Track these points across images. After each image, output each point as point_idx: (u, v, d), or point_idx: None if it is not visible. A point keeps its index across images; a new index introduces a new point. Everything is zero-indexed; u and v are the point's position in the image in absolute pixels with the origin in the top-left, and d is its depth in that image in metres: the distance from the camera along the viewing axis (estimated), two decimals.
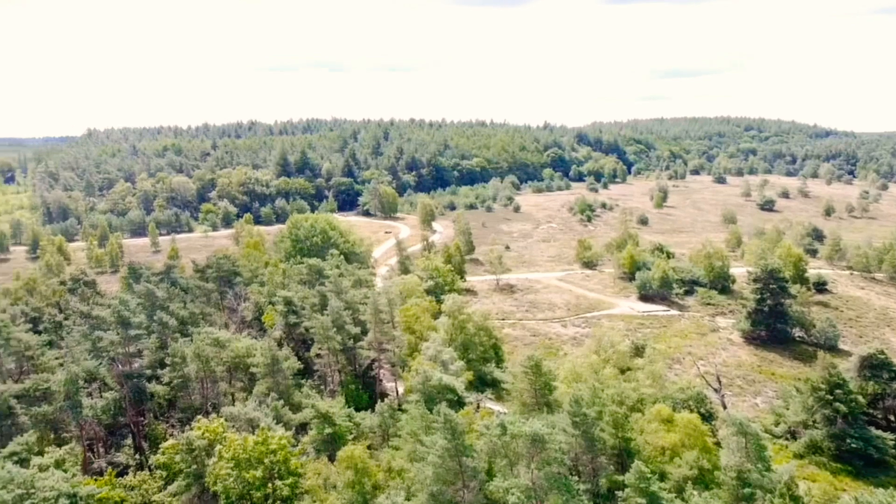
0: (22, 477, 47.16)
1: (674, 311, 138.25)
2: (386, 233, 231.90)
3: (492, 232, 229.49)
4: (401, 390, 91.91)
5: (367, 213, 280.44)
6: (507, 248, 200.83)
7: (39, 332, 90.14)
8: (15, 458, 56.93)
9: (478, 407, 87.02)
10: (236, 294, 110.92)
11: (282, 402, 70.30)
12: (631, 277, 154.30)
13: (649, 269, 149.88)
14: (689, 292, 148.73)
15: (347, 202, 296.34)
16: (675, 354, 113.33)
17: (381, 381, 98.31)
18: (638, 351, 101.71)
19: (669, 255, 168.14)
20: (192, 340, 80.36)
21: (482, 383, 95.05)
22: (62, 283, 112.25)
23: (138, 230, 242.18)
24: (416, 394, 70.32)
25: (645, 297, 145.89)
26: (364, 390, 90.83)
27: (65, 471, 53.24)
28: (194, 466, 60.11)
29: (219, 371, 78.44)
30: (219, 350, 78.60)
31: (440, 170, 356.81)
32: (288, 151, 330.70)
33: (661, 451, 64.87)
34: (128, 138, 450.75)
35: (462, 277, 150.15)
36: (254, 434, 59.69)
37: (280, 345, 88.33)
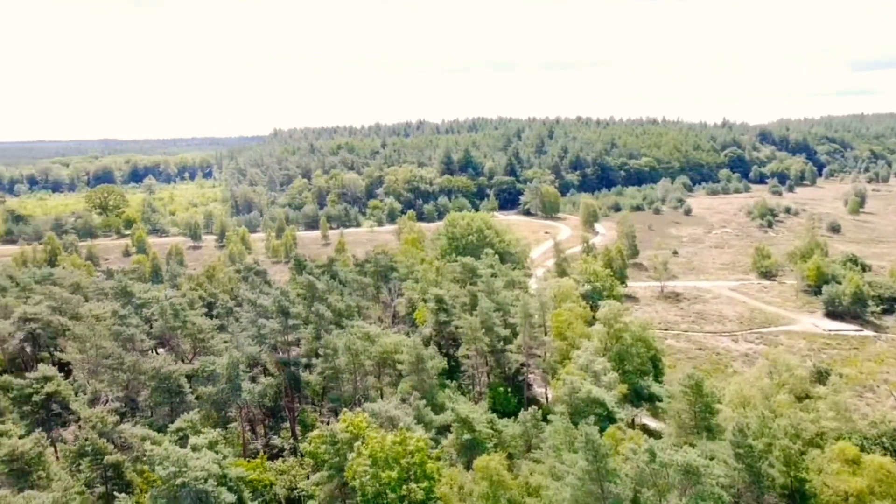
0: (177, 455, 49.75)
1: (868, 332, 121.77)
2: (545, 233, 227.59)
3: (658, 235, 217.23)
4: (552, 397, 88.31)
5: (527, 213, 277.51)
6: (675, 253, 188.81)
7: (213, 317, 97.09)
8: (180, 434, 60.84)
9: (632, 423, 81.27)
10: (391, 289, 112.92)
11: (424, 401, 69.49)
12: (816, 291, 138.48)
13: (839, 283, 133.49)
14: (888, 311, 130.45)
15: (508, 201, 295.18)
16: (868, 382, 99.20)
17: (531, 386, 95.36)
18: (820, 376, 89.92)
19: (865, 268, 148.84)
20: (345, 333, 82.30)
21: (638, 397, 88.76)
22: (237, 271, 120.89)
23: (312, 223, 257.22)
24: (562, 405, 66.51)
25: (832, 314, 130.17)
26: (513, 394, 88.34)
27: (217, 452, 55.74)
28: (336, 459, 60.76)
29: (367, 365, 79.49)
30: (368, 344, 79.65)
31: (606, 169, 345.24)
32: (452, 150, 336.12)
33: (843, 497, 55.91)
34: (307, 137, 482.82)
35: (622, 283, 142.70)
36: (394, 432, 59.22)
37: (427, 343, 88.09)
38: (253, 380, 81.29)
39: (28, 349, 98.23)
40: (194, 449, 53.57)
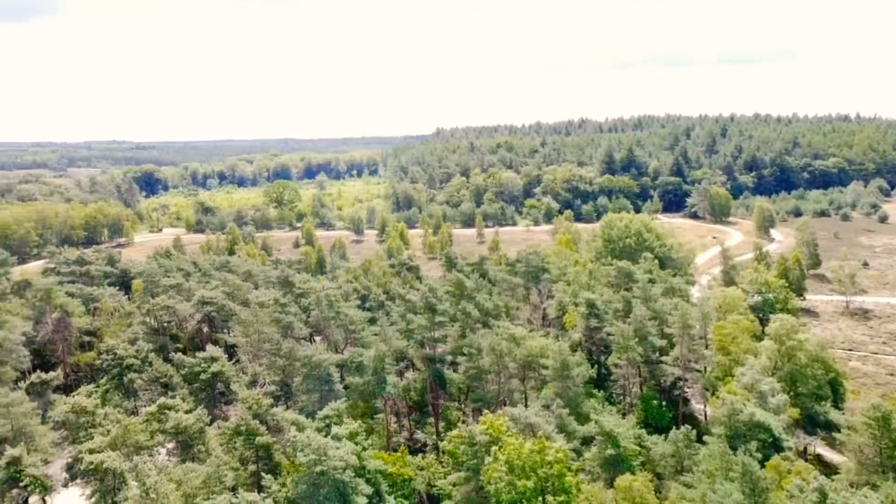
0: (318, 444, 51.00)
1: None
2: (713, 238, 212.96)
3: (845, 244, 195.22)
4: (710, 416, 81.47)
5: (694, 216, 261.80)
6: (865, 264, 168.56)
7: (366, 309, 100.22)
8: (326, 422, 62.69)
9: (803, 452, 72.86)
10: (542, 291, 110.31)
11: (567, 410, 66.55)
12: None
13: None
14: None
15: (674, 203, 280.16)
16: None
17: (688, 401, 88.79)
18: None
19: None
20: (490, 333, 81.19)
21: (812, 424, 79.57)
22: (391, 266, 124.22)
23: (468, 221, 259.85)
24: (720, 426, 60.64)
25: None
26: (667, 409, 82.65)
27: (357, 443, 56.64)
28: (474, 461, 59.68)
29: (512, 367, 77.80)
30: (513, 346, 77.88)
31: (785, 170, 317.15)
32: (614, 149, 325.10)
33: None
34: (468, 136, 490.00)
35: (800, 295, 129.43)
36: (532, 440, 57.03)
37: (575, 349, 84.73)
38: (400, 374, 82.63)
39: (205, 330, 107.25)
40: (335, 438, 54.76)
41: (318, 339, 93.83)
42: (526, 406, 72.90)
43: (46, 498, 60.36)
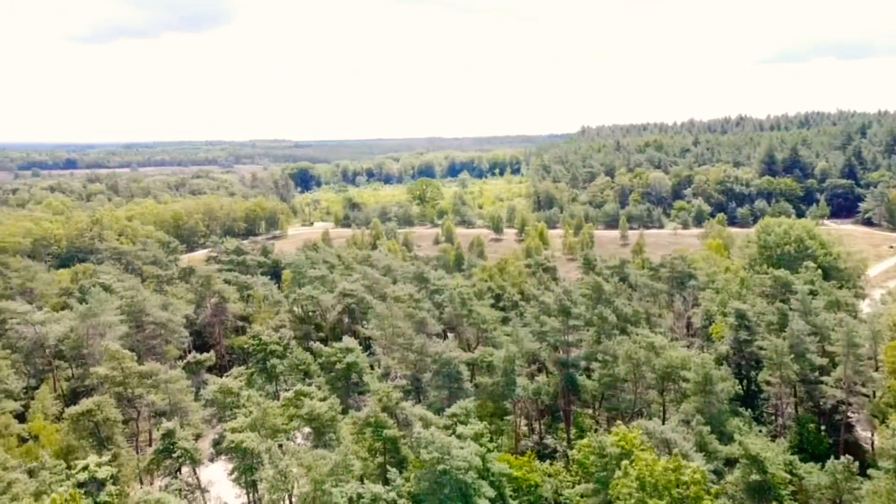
0: (441, 442, 50.72)
1: None
2: (889, 248, 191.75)
3: None
4: (877, 447, 72.64)
5: (867, 223, 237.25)
6: None
7: (500, 309, 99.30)
8: (453, 420, 62.50)
9: None
10: (686, 298, 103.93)
11: (709, 427, 61.73)
12: None
13: None
14: None
15: (843, 208, 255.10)
16: None
17: (851, 428, 79.85)
18: None
19: None
20: (628, 340, 77.42)
21: None
22: (527, 266, 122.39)
23: (611, 222, 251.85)
24: (889, 460, 53.50)
25: None
26: (826, 434, 74.83)
27: (481, 445, 55.84)
28: (603, 473, 56.97)
29: (649, 377, 73.67)
30: (652, 355, 73.69)
31: None
32: (775, 148, 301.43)
33: None
34: (614, 134, 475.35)
35: None
36: (667, 457, 53.35)
37: (721, 362, 78.73)
38: (531, 376, 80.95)
39: (345, 321, 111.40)
40: (460, 438, 54.29)
41: (450, 335, 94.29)
42: (663, 420, 68.74)
43: (196, 469, 64.84)
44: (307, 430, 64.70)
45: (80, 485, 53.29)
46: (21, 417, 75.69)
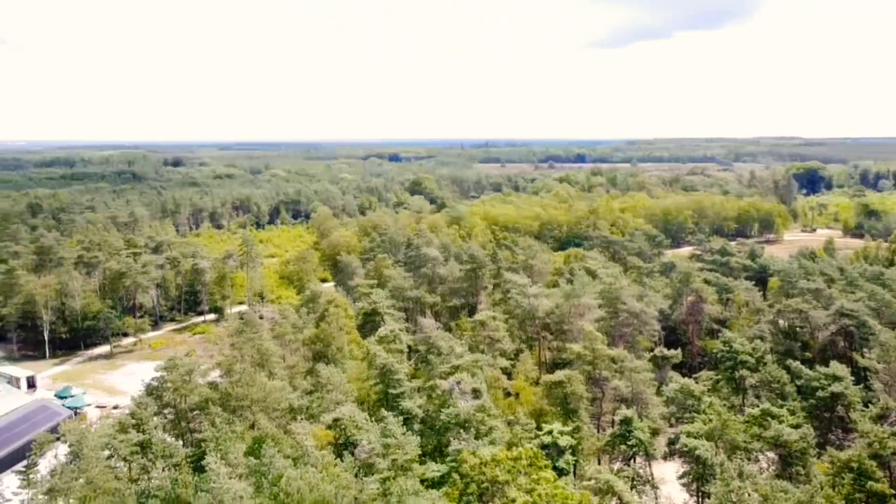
0: None
1: None
2: None
3: None
4: None
5: None
6: None
7: None
8: None
9: None
10: None
11: None
12: None
13: None
14: None
15: None
16: None
17: None
18: None
19: None
20: None
21: None
22: None
23: None
24: None
25: None
26: None
27: None
28: None
29: None
30: None
31: None
32: None
33: None
34: None
35: None
36: None
37: None
38: None
39: (840, 344, 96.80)
40: None
41: None
42: None
43: (650, 463, 64.79)
44: (773, 454, 58.27)
45: (543, 446, 58.41)
46: (509, 375, 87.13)
